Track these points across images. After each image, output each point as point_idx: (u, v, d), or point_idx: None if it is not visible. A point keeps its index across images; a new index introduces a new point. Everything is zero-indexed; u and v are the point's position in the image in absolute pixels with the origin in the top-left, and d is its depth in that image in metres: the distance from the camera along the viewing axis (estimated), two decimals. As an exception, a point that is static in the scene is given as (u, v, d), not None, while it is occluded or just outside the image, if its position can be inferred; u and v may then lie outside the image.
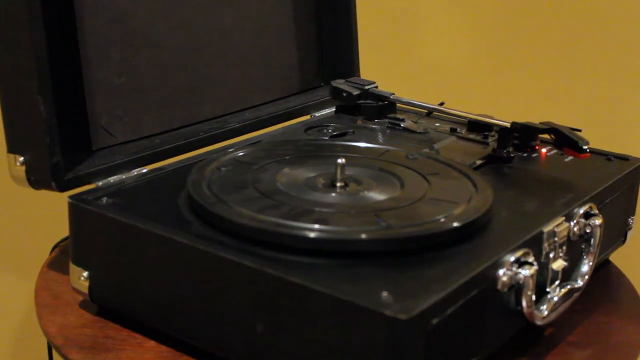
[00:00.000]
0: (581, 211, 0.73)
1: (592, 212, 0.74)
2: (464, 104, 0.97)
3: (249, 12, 0.96)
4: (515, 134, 0.86)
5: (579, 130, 0.84)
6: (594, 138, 0.85)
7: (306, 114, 1.02)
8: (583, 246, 0.75)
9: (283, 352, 0.61)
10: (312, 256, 0.62)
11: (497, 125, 0.88)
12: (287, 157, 0.79)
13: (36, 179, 0.75)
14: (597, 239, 0.74)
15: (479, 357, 0.64)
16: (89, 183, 0.76)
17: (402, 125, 0.94)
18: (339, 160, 0.73)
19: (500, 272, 0.64)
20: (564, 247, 0.71)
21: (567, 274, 0.73)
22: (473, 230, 0.67)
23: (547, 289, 0.70)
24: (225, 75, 0.94)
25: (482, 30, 1.38)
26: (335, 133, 0.92)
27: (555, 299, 0.70)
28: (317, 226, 0.64)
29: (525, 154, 0.86)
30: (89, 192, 0.74)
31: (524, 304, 0.66)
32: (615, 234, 0.84)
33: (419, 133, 0.93)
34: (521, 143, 0.87)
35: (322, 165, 0.77)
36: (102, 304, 0.74)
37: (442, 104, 0.95)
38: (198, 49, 0.90)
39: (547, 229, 0.69)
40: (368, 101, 0.97)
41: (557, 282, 0.71)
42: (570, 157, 0.85)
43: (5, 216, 1.16)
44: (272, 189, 0.72)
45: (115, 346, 0.70)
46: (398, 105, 0.98)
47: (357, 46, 1.06)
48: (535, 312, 0.68)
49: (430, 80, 1.35)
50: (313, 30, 1.05)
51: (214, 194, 0.70)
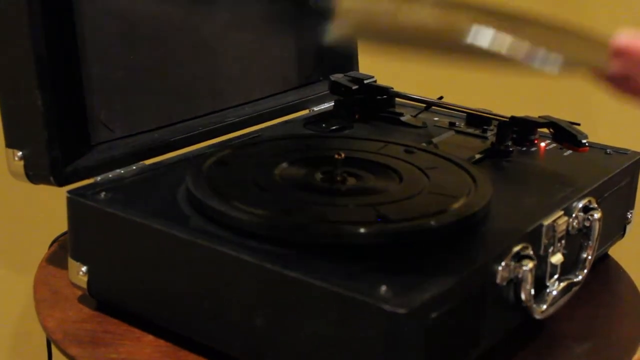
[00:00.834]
0: (580, 205, 0.73)
1: (591, 206, 0.74)
2: (463, 98, 0.97)
3: (248, 5, 0.95)
4: (514, 128, 0.86)
5: (578, 124, 0.84)
6: (593, 132, 0.85)
7: (305, 109, 1.02)
8: (582, 240, 0.75)
9: (282, 346, 0.61)
10: (311, 250, 0.62)
11: (496, 119, 0.88)
12: (286, 152, 0.79)
13: (35, 174, 0.75)
14: (596, 232, 0.74)
15: (478, 351, 0.65)
16: (88, 178, 0.76)
17: (401, 119, 0.94)
18: (338, 155, 0.73)
19: (499, 266, 0.64)
20: (563, 241, 0.71)
21: (566, 268, 0.73)
22: (472, 224, 0.67)
23: (546, 283, 0.70)
24: (224, 69, 0.93)
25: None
26: (334, 127, 0.92)
27: (554, 293, 0.70)
28: (315, 220, 0.64)
29: (524, 148, 0.86)
30: (88, 187, 0.74)
31: (523, 298, 0.66)
32: (615, 227, 0.84)
33: (418, 127, 0.93)
34: (520, 137, 0.87)
35: (320, 160, 0.77)
36: (100, 298, 0.74)
37: (441, 98, 0.95)
38: (197, 43, 0.90)
39: (546, 222, 0.69)
40: (367, 95, 0.97)
41: (556, 276, 0.71)
42: (569, 151, 0.85)
43: (3, 211, 1.16)
44: (271, 183, 0.72)
45: (114, 341, 0.70)
46: (397, 99, 0.98)
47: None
48: (534, 306, 0.68)
49: (429, 74, 1.35)
50: (312, 24, 1.05)
51: (212, 189, 0.70)
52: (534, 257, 0.66)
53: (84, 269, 0.73)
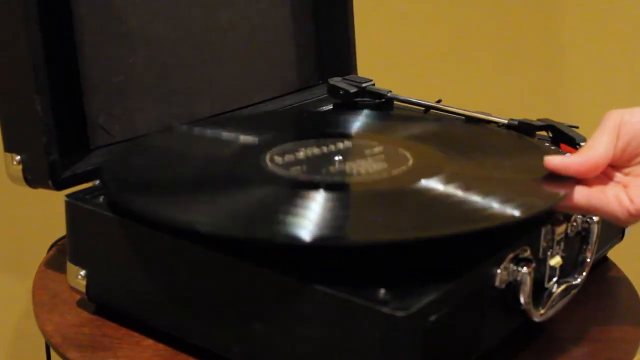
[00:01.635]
0: (579, 208, 0.73)
1: (589, 209, 0.74)
2: (461, 101, 0.97)
3: (247, 9, 0.96)
4: (512, 130, 0.86)
5: (576, 127, 0.84)
6: (591, 135, 0.85)
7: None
8: (581, 243, 0.74)
9: (280, 349, 0.61)
10: (309, 254, 0.62)
11: (494, 122, 0.88)
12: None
13: (33, 178, 0.75)
14: (595, 235, 0.74)
15: (477, 353, 0.64)
16: (86, 181, 0.76)
17: (400, 123, 0.94)
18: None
19: (498, 269, 0.64)
20: (562, 244, 0.71)
21: (565, 271, 0.72)
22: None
23: (545, 286, 0.70)
24: (223, 73, 0.93)
25: (481, 28, 1.38)
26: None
27: (553, 295, 0.70)
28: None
29: (522, 151, 0.86)
30: (86, 191, 0.74)
31: (522, 300, 0.66)
32: (613, 230, 0.84)
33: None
34: (518, 140, 0.87)
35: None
36: (99, 302, 0.74)
37: (439, 101, 0.95)
38: (196, 46, 0.90)
39: (544, 225, 0.69)
40: (365, 99, 0.97)
41: (555, 279, 0.71)
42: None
43: (2, 215, 1.16)
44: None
45: (112, 345, 0.70)
46: (395, 102, 0.98)
47: (354, 44, 1.06)
48: (533, 308, 0.68)
49: (428, 78, 1.35)
50: (311, 27, 1.05)
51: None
52: (533, 260, 0.66)
53: (83, 272, 0.73)
